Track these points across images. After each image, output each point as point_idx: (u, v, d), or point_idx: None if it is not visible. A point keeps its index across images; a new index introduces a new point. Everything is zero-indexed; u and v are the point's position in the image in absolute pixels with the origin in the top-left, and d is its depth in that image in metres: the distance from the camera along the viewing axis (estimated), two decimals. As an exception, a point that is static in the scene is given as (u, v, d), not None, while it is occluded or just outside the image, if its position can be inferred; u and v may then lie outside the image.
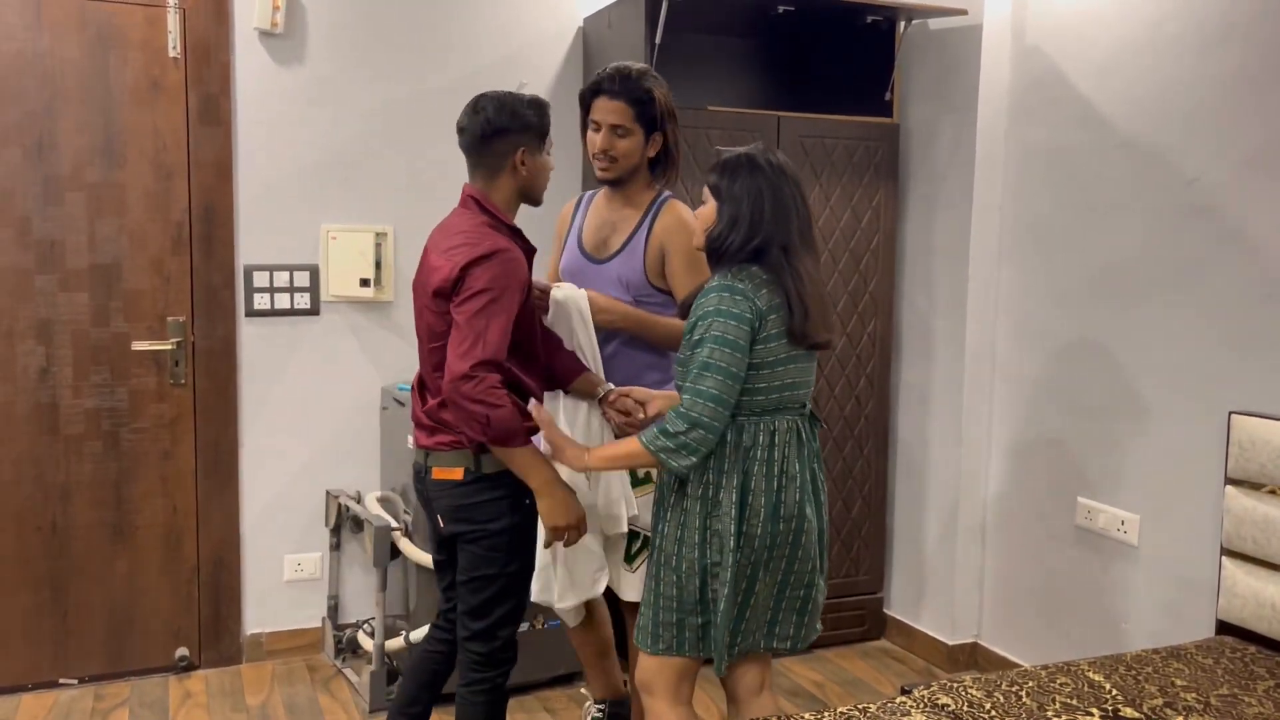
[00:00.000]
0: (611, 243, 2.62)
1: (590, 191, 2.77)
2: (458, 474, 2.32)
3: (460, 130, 2.35)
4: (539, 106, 2.35)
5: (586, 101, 2.56)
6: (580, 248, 2.68)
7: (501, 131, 2.30)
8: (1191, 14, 2.91)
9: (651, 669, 2.32)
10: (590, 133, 2.56)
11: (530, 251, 2.38)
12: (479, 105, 2.32)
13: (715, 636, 2.24)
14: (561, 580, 2.51)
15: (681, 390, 2.19)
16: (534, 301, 2.41)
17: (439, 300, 2.27)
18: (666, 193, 2.63)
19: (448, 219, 2.40)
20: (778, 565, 2.26)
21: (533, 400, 2.41)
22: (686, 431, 2.13)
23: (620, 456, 2.29)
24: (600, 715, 2.89)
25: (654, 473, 2.49)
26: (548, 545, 2.41)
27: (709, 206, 2.27)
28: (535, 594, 2.50)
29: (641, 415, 2.43)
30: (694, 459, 2.15)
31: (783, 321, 2.20)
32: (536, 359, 2.42)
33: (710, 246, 2.25)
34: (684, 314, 2.33)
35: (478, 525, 2.34)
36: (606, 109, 2.50)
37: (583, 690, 3.05)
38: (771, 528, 2.22)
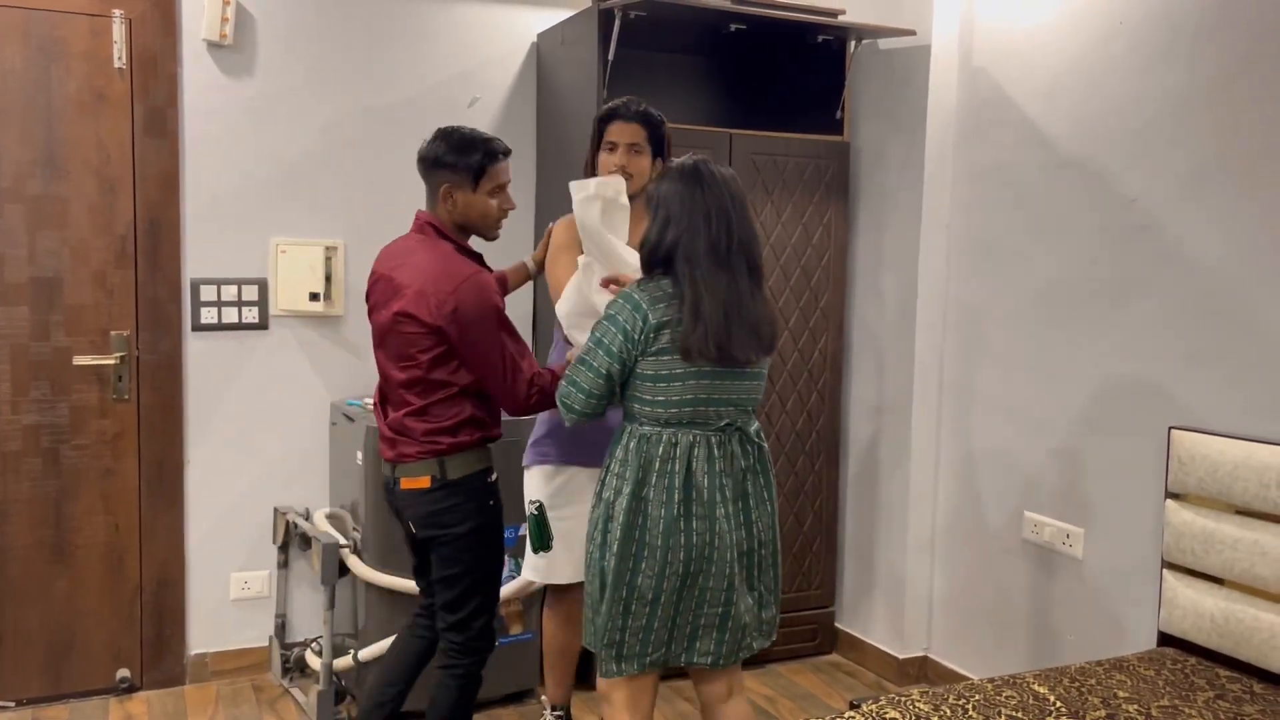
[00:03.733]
0: None
1: None
2: (425, 482, 2.50)
3: (417, 158, 2.56)
4: (466, 148, 2.48)
5: (601, 126, 2.74)
6: None
7: (431, 164, 2.51)
8: (1132, 37, 2.98)
9: (609, 680, 2.34)
10: (605, 154, 2.73)
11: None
12: (433, 135, 2.52)
13: (594, 636, 2.32)
14: (561, 559, 2.78)
15: (565, 375, 2.36)
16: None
17: (422, 327, 2.41)
18: None
19: (406, 243, 2.55)
20: (693, 580, 2.25)
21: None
22: (564, 410, 2.34)
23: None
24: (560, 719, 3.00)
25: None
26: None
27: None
28: (541, 576, 2.83)
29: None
30: (573, 417, 2.33)
31: (678, 338, 2.20)
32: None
33: (640, 255, 2.32)
34: None
35: (446, 529, 2.52)
36: (624, 130, 2.69)
37: (541, 699, 3.06)
38: (681, 540, 2.23)
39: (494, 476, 2.60)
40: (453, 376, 2.45)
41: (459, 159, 2.47)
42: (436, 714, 2.62)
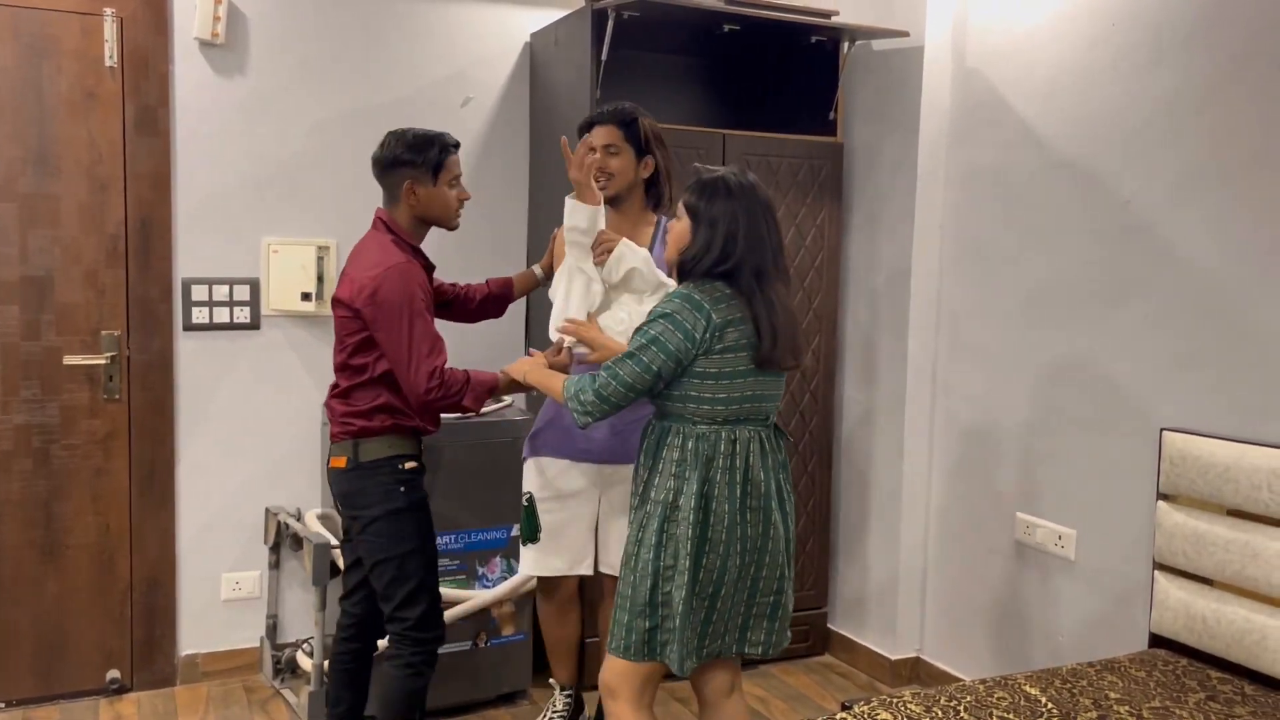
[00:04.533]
0: None
1: None
2: (342, 462, 2.64)
3: (371, 161, 2.67)
4: (423, 145, 2.60)
5: (582, 135, 2.80)
6: None
7: (391, 164, 2.62)
8: (1124, 39, 2.98)
9: (617, 672, 2.37)
10: None
11: (429, 267, 2.70)
12: (384, 139, 2.64)
13: (673, 639, 2.29)
14: (550, 551, 2.84)
15: (605, 366, 2.33)
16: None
17: (347, 311, 2.58)
18: (664, 218, 2.83)
19: (364, 240, 2.69)
20: (746, 571, 2.32)
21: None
22: (593, 403, 2.31)
23: (549, 389, 2.49)
24: (570, 700, 3.06)
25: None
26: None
27: (684, 224, 2.34)
28: (529, 567, 2.89)
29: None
30: (590, 420, 2.33)
31: (743, 336, 2.26)
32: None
33: (682, 266, 2.34)
34: None
35: (358, 511, 2.64)
36: (598, 133, 2.78)
37: (550, 681, 3.11)
38: (740, 532, 2.29)
39: (410, 465, 2.64)
40: (372, 362, 2.57)
41: (418, 156, 2.59)
42: (383, 708, 2.66)
